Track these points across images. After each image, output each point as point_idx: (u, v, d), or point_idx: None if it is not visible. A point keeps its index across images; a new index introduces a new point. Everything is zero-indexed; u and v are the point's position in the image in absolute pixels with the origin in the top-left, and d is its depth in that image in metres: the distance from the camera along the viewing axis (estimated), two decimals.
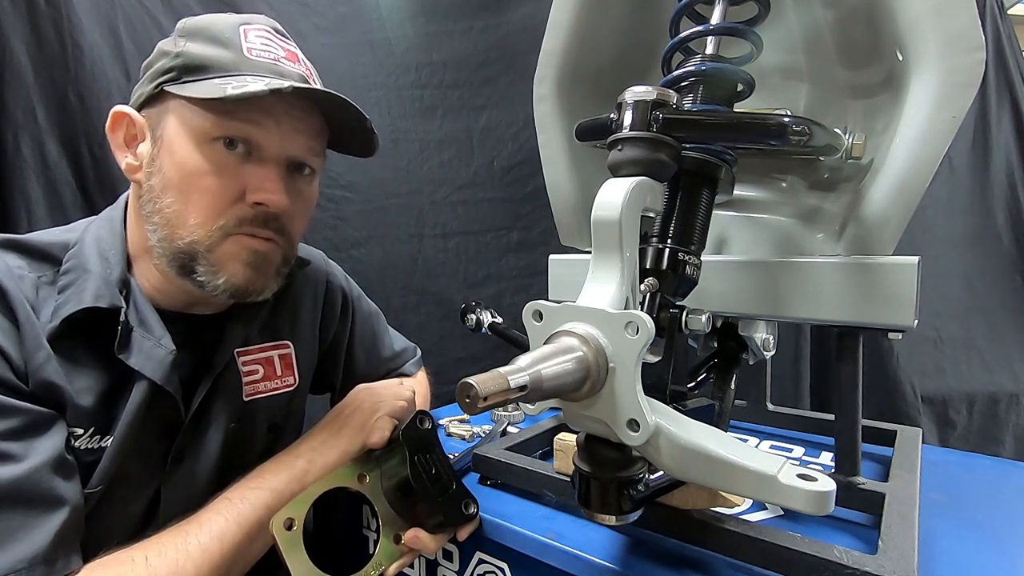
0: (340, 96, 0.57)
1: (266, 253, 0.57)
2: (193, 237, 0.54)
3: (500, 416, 0.92)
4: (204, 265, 0.55)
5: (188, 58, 0.54)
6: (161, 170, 0.55)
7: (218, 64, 0.54)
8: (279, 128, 0.55)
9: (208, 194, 0.54)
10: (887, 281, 0.52)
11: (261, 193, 0.55)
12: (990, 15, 1.36)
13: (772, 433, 0.85)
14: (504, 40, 1.34)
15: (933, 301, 1.36)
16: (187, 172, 0.54)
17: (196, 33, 0.56)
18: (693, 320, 0.49)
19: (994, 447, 1.39)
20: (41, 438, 0.48)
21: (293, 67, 0.58)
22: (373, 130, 0.61)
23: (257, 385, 0.67)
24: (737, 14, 0.59)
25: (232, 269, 0.55)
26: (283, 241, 0.59)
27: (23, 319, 0.50)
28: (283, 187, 0.56)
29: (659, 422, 0.40)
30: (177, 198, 0.54)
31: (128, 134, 0.57)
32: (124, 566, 0.47)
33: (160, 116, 0.55)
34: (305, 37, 1.22)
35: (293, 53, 0.59)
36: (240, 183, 0.55)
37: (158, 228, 0.55)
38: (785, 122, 0.46)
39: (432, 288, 1.35)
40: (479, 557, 0.62)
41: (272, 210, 0.56)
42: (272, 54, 0.57)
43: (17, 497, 0.45)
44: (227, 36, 0.55)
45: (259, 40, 0.57)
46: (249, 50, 0.55)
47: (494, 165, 1.37)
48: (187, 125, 0.54)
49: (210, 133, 0.53)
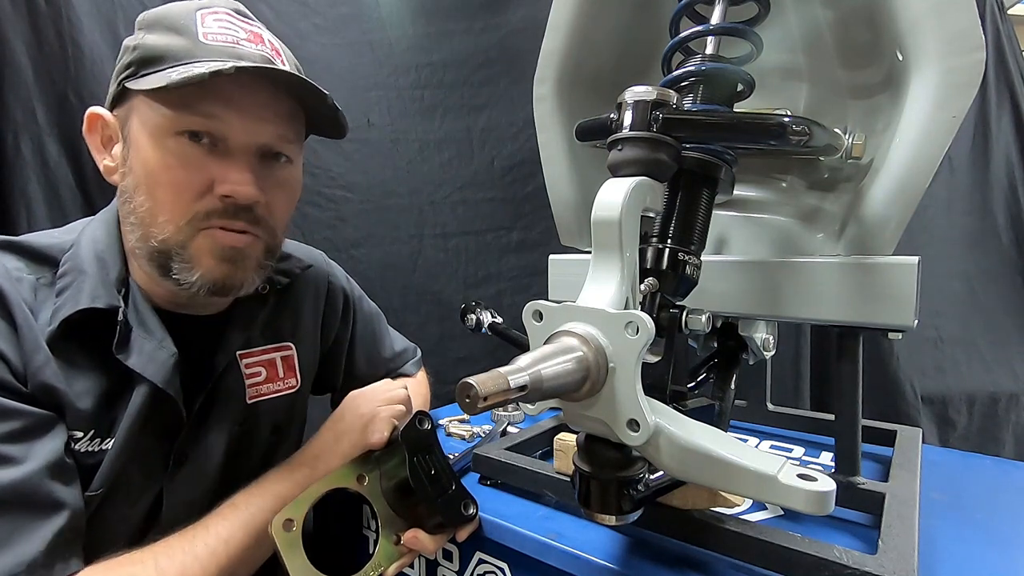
0: (295, 75, 0.54)
1: (242, 247, 0.55)
2: (164, 235, 0.53)
3: (500, 416, 0.92)
4: (178, 262, 0.53)
5: (144, 50, 0.53)
6: (132, 170, 0.54)
7: (171, 53, 0.52)
8: (242, 117, 0.53)
9: (173, 189, 0.52)
10: (887, 281, 0.52)
11: (227, 185, 0.53)
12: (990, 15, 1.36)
13: (772, 433, 0.84)
14: (504, 40, 1.34)
15: (933, 301, 1.36)
16: (151, 169, 0.52)
17: (154, 23, 0.54)
18: (693, 320, 0.49)
19: (994, 447, 1.38)
20: (41, 441, 0.48)
21: (255, 48, 0.55)
22: (337, 107, 0.58)
23: (260, 387, 0.67)
24: (737, 14, 0.59)
25: (206, 264, 0.54)
26: (262, 232, 0.57)
27: (21, 322, 0.49)
28: (251, 178, 0.54)
29: (659, 422, 0.40)
30: (147, 196, 0.53)
31: (104, 136, 0.57)
32: (135, 567, 0.47)
33: (127, 114, 0.54)
34: (305, 37, 1.22)
35: (256, 34, 0.57)
36: (207, 176, 0.53)
37: (135, 228, 0.54)
38: (785, 122, 0.46)
39: (432, 288, 1.35)
40: (479, 557, 0.62)
41: (242, 202, 0.54)
42: (231, 36, 0.54)
43: (16, 500, 0.45)
44: (182, 23, 0.53)
45: (216, 24, 0.54)
46: (205, 35, 0.53)
47: (494, 165, 1.36)
48: (147, 120, 0.53)
49: (170, 128, 0.52)
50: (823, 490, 0.36)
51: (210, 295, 0.56)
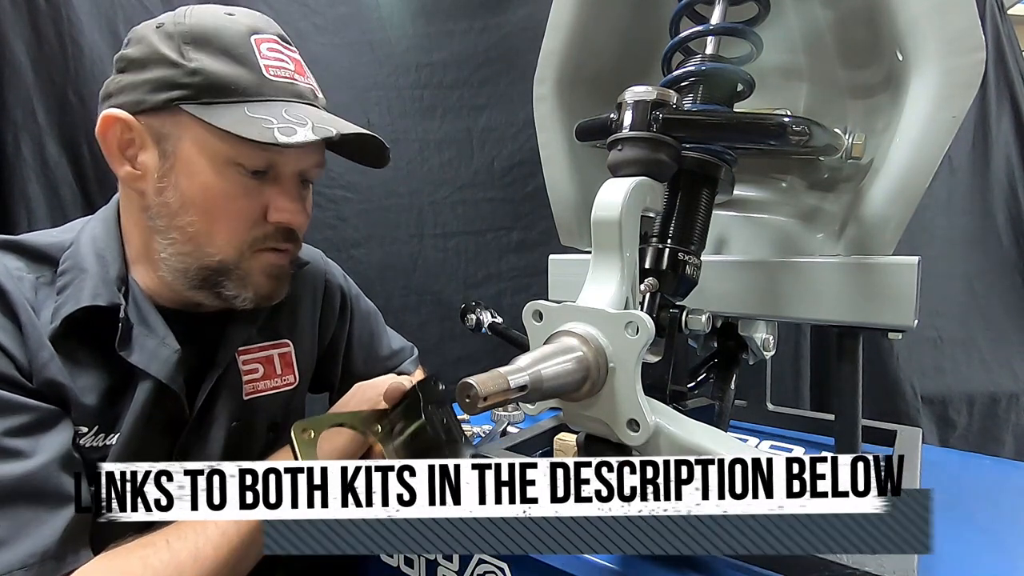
0: (370, 135, 0.59)
1: (286, 266, 0.61)
2: (223, 256, 0.56)
3: (500, 416, 0.92)
4: (233, 280, 0.57)
5: (206, 77, 0.52)
6: (178, 188, 0.54)
7: (239, 86, 0.53)
8: (296, 151, 0.56)
9: (235, 216, 0.56)
10: (887, 281, 0.52)
11: (284, 214, 0.57)
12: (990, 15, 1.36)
13: (772, 433, 0.85)
14: (504, 40, 1.34)
15: (933, 301, 1.36)
16: (212, 195, 0.55)
17: (205, 43, 0.53)
18: (693, 320, 0.49)
19: (994, 447, 1.38)
20: (48, 434, 0.49)
21: (303, 81, 0.58)
22: (386, 145, 0.62)
23: (257, 384, 0.67)
24: (737, 14, 0.59)
25: (258, 282, 0.59)
26: (294, 248, 0.62)
27: (25, 320, 0.50)
28: (301, 207, 0.59)
29: (659, 422, 0.40)
30: (201, 218, 0.55)
31: (123, 139, 0.55)
32: (147, 549, 0.47)
33: (172, 131, 0.54)
34: (305, 37, 1.22)
35: (300, 63, 0.60)
36: (262, 203, 0.57)
37: (176, 243, 0.55)
38: (785, 122, 0.46)
39: (432, 288, 1.35)
40: (479, 557, 0.62)
41: (293, 228, 0.59)
42: (287, 70, 0.57)
43: (26, 493, 0.45)
44: (242, 52, 0.54)
45: (273, 55, 0.56)
46: (267, 68, 0.55)
47: (494, 165, 1.36)
48: (206, 147, 0.53)
49: (234, 158, 0.54)
50: None
51: (252, 306, 0.60)
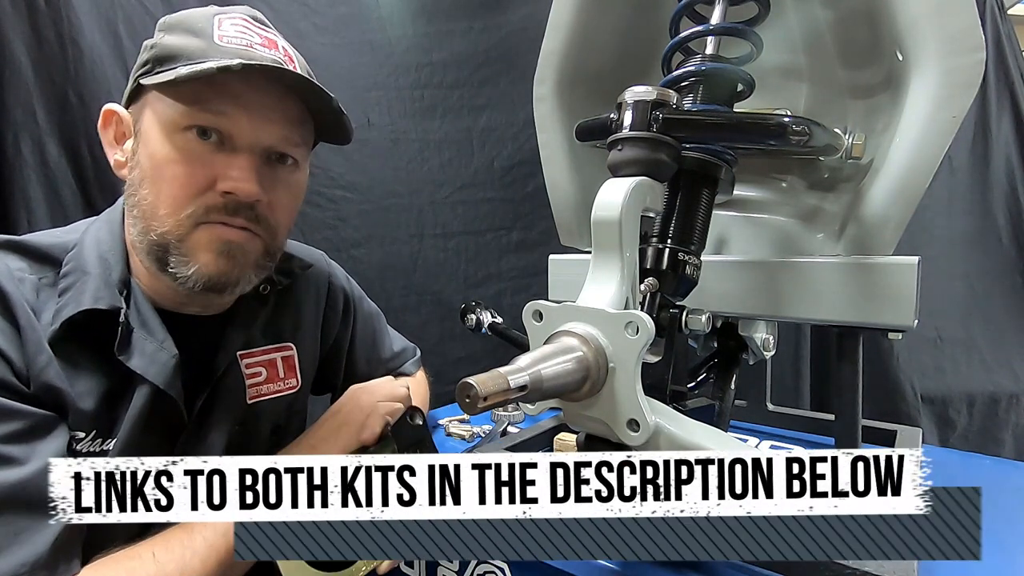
0: (301, 76, 0.55)
1: (240, 243, 0.56)
2: (164, 228, 0.53)
3: (500, 416, 0.92)
4: (176, 255, 0.54)
5: (161, 49, 0.54)
6: (139, 163, 0.55)
7: (187, 53, 0.53)
8: (250, 116, 0.54)
9: (176, 183, 0.53)
10: (887, 281, 0.52)
11: (229, 182, 0.53)
12: (990, 15, 1.36)
13: (772, 433, 0.85)
14: (504, 40, 1.34)
15: (933, 301, 1.36)
16: (157, 162, 0.53)
17: (174, 26, 0.56)
18: (693, 320, 0.49)
19: (994, 447, 1.38)
20: (43, 441, 0.48)
21: (267, 52, 0.56)
22: (342, 111, 0.59)
23: (260, 388, 0.67)
24: (737, 14, 0.59)
25: (203, 259, 0.54)
26: (262, 231, 0.57)
27: (24, 322, 0.49)
28: (254, 176, 0.54)
29: (659, 422, 0.40)
30: (150, 189, 0.54)
31: (118, 131, 0.58)
32: (133, 561, 0.47)
33: (140, 110, 0.56)
34: (305, 37, 1.22)
35: (271, 40, 0.58)
36: (211, 172, 0.54)
37: (136, 221, 0.55)
38: (785, 122, 0.46)
39: (432, 288, 1.35)
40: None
41: (242, 198, 0.54)
42: (245, 40, 0.56)
43: (19, 501, 0.45)
44: (200, 26, 0.55)
45: (232, 28, 0.56)
46: (220, 37, 0.55)
47: (494, 165, 1.36)
48: (159, 115, 0.54)
49: (180, 122, 0.53)
50: None
51: (206, 291, 0.55)
